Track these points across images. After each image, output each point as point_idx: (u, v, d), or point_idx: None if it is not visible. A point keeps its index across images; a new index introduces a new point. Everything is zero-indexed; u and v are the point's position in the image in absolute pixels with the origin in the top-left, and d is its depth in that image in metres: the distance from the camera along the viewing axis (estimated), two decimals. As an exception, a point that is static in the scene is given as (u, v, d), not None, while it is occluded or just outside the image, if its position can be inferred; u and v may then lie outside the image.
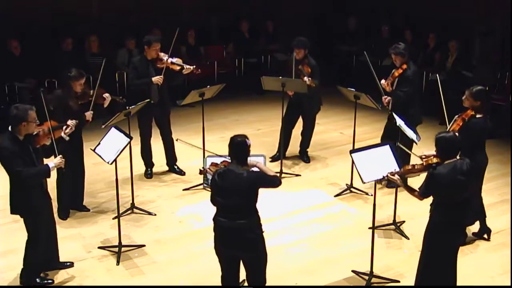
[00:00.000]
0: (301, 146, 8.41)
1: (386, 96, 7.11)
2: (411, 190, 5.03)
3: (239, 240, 4.58)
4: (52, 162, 5.22)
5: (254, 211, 4.64)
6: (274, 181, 4.69)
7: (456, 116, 5.93)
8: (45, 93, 5.77)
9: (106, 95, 6.62)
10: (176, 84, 7.31)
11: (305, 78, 7.58)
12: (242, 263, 4.77)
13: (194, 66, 7.43)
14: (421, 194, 4.89)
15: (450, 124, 5.91)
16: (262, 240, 4.70)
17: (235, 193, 4.52)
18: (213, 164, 4.93)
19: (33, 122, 5.12)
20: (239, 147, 4.64)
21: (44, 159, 5.40)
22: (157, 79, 7.21)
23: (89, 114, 6.37)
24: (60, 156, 5.27)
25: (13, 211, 5.31)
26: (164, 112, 7.62)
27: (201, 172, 4.99)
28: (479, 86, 5.93)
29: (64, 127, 5.75)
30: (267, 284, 4.84)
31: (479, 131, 5.82)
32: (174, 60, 7.37)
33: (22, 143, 5.11)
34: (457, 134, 5.15)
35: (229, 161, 4.72)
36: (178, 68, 7.37)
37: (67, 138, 5.75)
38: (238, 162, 4.62)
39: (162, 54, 7.36)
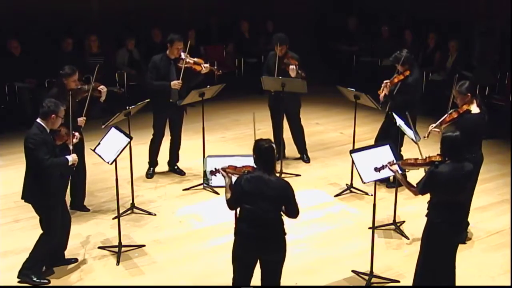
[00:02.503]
0: (299, 147, 8.38)
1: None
2: (408, 185, 5.04)
3: (266, 244, 4.51)
4: (70, 156, 5.43)
5: (280, 215, 4.57)
6: (297, 206, 4.58)
7: (452, 109, 5.95)
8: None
9: (102, 87, 6.56)
10: (195, 84, 7.32)
11: (291, 67, 7.46)
12: (260, 266, 4.66)
13: (215, 67, 7.39)
14: (418, 190, 4.91)
15: (444, 116, 5.92)
16: (286, 243, 4.65)
17: (264, 199, 4.44)
18: (231, 167, 4.77)
19: (61, 117, 5.37)
20: (267, 153, 4.50)
21: None
22: (175, 83, 7.21)
23: (81, 120, 6.28)
24: (75, 154, 5.49)
25: (27, 200, 5.44)
26: (180, 112, 7.60)
27: (212, 172, 4.81)
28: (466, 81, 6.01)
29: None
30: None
31: (472, 128, 5.75)
32: (196, 59, 7.39)
33: (49, 135, 5.33)
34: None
35: (253, 166, 4.62)
36: (199, 68, 7.37)
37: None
38: (265, 169, 4.50)
39: (183, 54, 7.35)
